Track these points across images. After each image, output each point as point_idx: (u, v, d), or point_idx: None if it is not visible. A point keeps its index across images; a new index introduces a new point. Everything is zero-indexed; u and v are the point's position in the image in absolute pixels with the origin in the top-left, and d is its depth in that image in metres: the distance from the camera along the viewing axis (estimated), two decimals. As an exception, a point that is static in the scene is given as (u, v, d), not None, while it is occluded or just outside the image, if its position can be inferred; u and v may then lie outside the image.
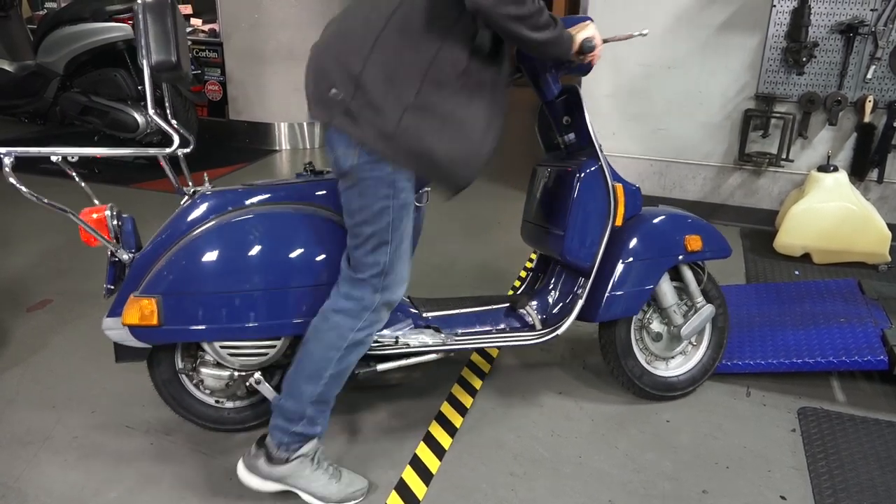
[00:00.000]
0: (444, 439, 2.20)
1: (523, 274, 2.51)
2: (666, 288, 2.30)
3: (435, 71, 1.65)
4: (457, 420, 2.29)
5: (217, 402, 2.16)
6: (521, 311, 2.32)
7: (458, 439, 2.21)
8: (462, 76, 1.68)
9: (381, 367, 2.09)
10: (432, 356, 2.14)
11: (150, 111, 1.91)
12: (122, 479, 2.01)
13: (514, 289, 2.49)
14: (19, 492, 1.95)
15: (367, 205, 1.74)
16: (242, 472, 1.91)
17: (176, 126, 2.08)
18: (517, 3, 1.59)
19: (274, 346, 2.03)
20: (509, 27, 1.63)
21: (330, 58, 1.71)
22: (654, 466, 2.10)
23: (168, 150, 1.97)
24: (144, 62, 1.88)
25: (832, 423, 2.28)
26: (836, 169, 3.56)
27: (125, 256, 1.96)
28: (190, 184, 2.09)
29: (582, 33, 1.87)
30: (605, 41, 1.98)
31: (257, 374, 2.03)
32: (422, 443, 2.18)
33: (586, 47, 1.88)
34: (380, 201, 1.73)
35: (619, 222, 2.19)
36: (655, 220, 2.26)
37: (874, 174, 3.80)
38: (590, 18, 1.99)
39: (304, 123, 5.77)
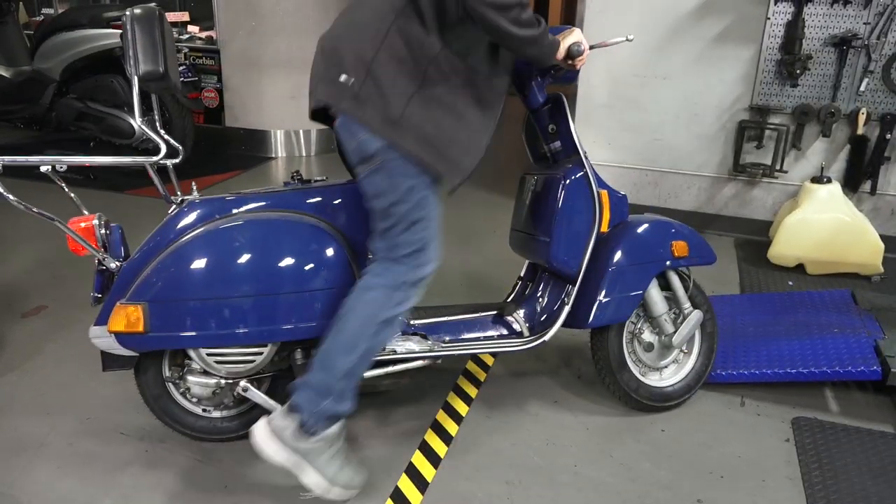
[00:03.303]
0: (440, 447, 2.20)
1: (510, 291, 2.51)
2: (656, 296, 2.30)
3: (441, 61, 1.73)
4: (452, 428, 2.30)
5: (204, 410, 2.15)
6: (509, 318, 2.32)
7: (454, 447, 2.21)
8: (465, 70, 1.77)
9: (367, 374, 2.09)
10: (419, 363, 2.14)
11: (138, 121, 1.93)
12: (117, 486, 2.00)
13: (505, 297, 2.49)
14: (13, 498, 1.94)
15: (395, 185, 1.78)
16: (263, 434, 1.83)
17: (164, 135, 2.09)
18: None
19: (261, 353, 2.02)
20: (488, 16, 1.67)
21: (344, 45, 1.78)
22: (650, 475, 2.10)
23: (155, 159, 1.98)
24: (133, 72, 1.90)
25: (826, 433, 2.29)
26: (829, 180, 3.59)
27: (112, 265, 1.97)
28: (178, 192, 2.08)
29: (569, 39, 1.93)
30: (591, 47, 2.02)
31: (244, 383, 2.03)
32: (417, 451, 2.18)
33: (574, 52, 1.93)
34: (408, 180, 1.78)
35: (604, 228, 2.20)
36: (642, 227, 2.27)
37: (867, 186, 3.83)
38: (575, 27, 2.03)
39: (301, 131, 5.77)
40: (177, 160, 2.07)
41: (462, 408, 2.41)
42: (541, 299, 2.37)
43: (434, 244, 1.89)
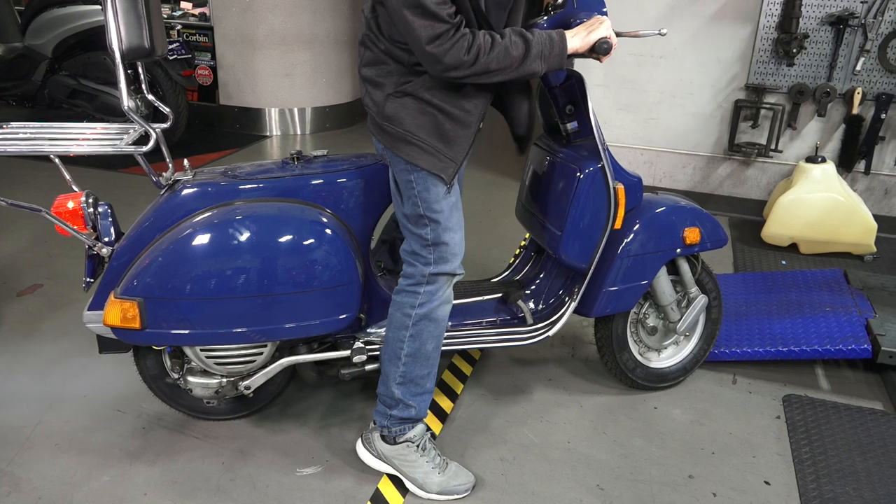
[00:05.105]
0: (435, 425, 2.22)
1: (512, 260, 2.52)
2: (665, 285, 2.27)
3: (413, 61, 1.70)
4: (447, 406, 2.31)
5: (207, 402, 2.16)
6: (513, 304, 2.30)
7: (449, 425, 2.23)
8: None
9: (369, 367, 2.11)
10: None
11: (126, 103, 1.74)
12: (115, 463, 2.02)
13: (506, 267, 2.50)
14: (12, 475, 1.96)
15: (399, 182, 1.84)
16: (359, 445, 2.04)
17: (155, 102, 2.03)
18: (455, 67, 1.61)
19: (261, 353, 2.02)
20: (467, 81, 1.68)
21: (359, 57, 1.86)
22: (642, 452, 2.13)
23: (144, 149, 1.82)
24: (115, 47, 1.71)
25: (816, 411, 2.31)
26: (823, 160, 3.60)
27: (104, 251, 1.91)
28: (171, 165, 1.98)
29: (596, 33, 1.75)
30: (619, 35, 1.86)
31: (247, 381, 2.03)
32: (413, 428, 2.20)
33: (601, 49, 1.77)
34: (406, 175, 1.81)
35: (618, 225, 2.10)
36: (655, 214, 2.18)
37: (861, 165, 3.84)
38: (604, 10, 1.88)
39: (295, 109, 5.74)
40: (166, 125, 1.93)
41: (457, 386, 2.42)
42: (546, 286, 2.35)
43: (451, 240, 1.84)
